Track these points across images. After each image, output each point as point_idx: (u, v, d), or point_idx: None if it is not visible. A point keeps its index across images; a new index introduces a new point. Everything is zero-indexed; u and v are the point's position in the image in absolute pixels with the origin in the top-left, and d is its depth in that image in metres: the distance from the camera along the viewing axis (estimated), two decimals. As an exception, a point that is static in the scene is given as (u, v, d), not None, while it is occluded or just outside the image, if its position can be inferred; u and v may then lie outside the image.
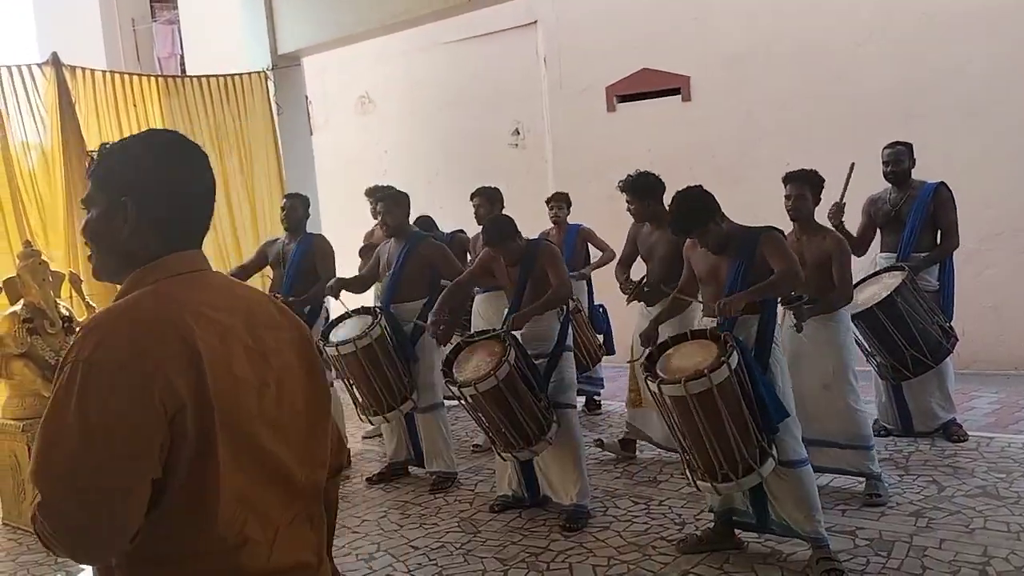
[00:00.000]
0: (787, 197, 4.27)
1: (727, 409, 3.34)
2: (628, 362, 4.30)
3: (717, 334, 3.48)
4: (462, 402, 4.30)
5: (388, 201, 5.16)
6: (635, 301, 4.97)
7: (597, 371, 6.26)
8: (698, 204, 3.65)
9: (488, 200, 5.68)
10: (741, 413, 3.39)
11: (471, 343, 4.40)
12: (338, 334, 4.95)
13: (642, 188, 4.84)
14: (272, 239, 5.99)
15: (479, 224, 5.63)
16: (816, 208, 4.35)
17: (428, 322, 4.58)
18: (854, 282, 4.82)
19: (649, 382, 3.46)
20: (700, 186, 3.76)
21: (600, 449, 5.21)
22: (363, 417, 5.08)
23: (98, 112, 7.18)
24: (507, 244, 4.41)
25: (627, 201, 4.92)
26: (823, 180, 4.31)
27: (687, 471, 3.58)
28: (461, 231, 6.57)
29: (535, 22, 9.12)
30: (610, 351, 6.18)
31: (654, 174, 4.92)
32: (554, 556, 3.94)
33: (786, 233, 4.28)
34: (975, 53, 6.84)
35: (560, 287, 4.33)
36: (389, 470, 5.31)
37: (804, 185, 4.23)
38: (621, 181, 4.88)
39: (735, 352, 3.38)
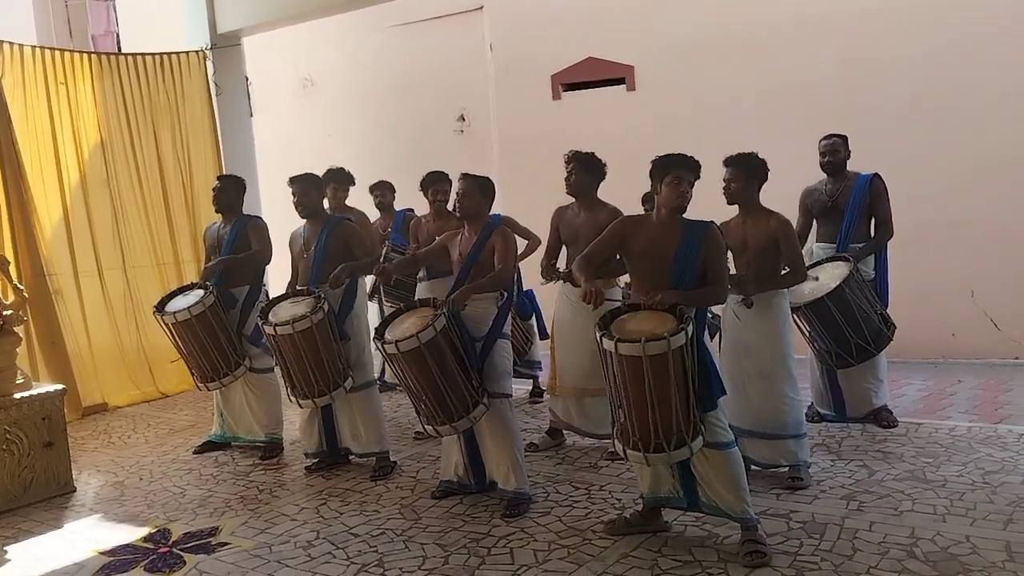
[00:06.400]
0: (724, 180, 4.31)
1: (676, 377, 3.37)
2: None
3: (673, 307, 3.49)
4: (387, 364, 4.30)
5: (304, 183, 5.11)
6: (556, 282, 4.97)
7: (534, 354, 6.29)
8: (763, 164, 4.22)
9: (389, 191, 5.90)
10: (686, 384, 3.42)
11: (411, 309, 4.44)
12: (278, 314, 4.88)
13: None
14: (211, 224, 5.84)
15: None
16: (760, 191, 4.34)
17: (378, 270, 4.70)
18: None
19: (604, 340, 3.44)
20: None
21: (536, 450, 5.20)
22: (292, 399, 4.97)
23: (25, 89, 6.92)
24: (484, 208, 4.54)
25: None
26: (761, 163, 4.27)
27: (618, 441, 3.58)
28: (410, 210, 6.62)
29: (481, 8, 9.06)
30: (544, 335, 6.15)
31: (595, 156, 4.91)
32: (495, 541, 3.94)
33: (731, 217, 4.36)
34: (917, 46, 7.01)
35: (503, 271, 4.34)
36: (319, 459, 5.22)
37: (738, 169, 4.25)
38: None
39: (692, 323, 3.42)
